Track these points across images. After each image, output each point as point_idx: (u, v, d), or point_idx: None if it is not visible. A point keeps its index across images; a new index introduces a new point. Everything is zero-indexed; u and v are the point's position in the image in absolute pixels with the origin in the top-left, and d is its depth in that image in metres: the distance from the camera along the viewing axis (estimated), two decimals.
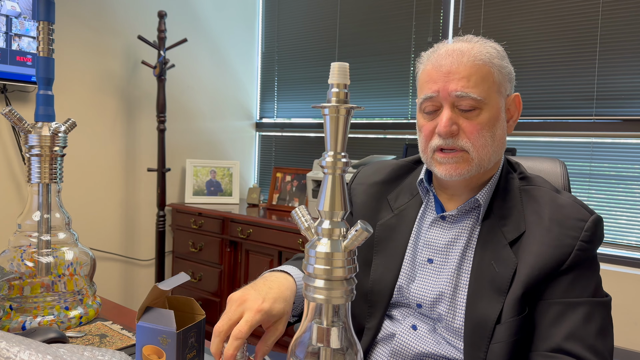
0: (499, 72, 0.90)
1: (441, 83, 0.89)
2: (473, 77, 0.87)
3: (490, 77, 0.89)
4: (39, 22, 1.00)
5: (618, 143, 2.10)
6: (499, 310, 0.84)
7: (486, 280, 0.87)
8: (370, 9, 2.80)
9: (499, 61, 0.91)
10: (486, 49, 0.90)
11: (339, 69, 0.53)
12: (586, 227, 0.85)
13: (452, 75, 0.88)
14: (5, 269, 0.96)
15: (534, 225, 0.87)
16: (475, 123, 0.88)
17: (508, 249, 0.87)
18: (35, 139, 0.98)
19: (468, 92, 0.87)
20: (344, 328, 0.54)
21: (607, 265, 2.05)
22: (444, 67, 0.89)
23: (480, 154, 0.89)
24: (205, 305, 2.68)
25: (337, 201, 0.53)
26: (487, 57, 0.89)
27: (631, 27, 2.04)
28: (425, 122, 0.93)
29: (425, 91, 0.91)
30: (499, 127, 0.90)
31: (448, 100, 0.89)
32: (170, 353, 0.67)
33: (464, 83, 0.87)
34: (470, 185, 0.94)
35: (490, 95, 0.89)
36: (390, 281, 0.97)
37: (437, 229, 0.96)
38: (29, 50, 2.14)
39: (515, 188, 0.94)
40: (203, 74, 3.02)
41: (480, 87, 0.88)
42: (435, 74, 0.90)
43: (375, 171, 1.11)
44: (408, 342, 0.92)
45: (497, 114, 0.90)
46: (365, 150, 2.81)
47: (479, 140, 0.88)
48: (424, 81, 0.93)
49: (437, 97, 0.90)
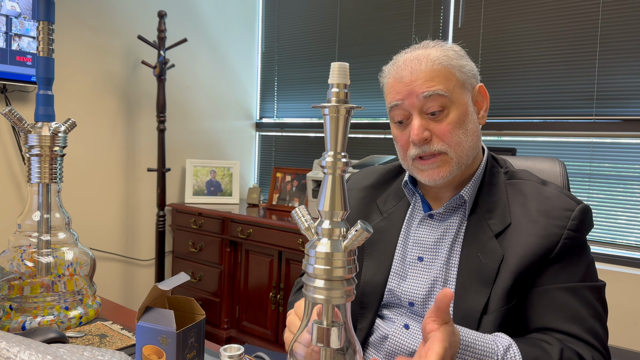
0: (459, 71, 0.92)
1: (405, 92, 0.90)
2: (436, 78, 0.89)
3: (452, 77, 0.91)
4: (39, 22, 1.00)
5: (618, 143, 2.10)
6: (485, 301, 0.85)
7: (473, 272, 0.88)
8: (370, 9, 2.80)
9: (458, 61, 0.92)
10: (443, 52, 0.92)
11: (339, 69, 0.53)
12: (573, 217, 0.86)
13: (414, 82, 0.90)
14: (5, 269, 0.96)
15: (520, 218, 0.89)
16: (445, 124, 0.90)
17: (494, 241, 0.88)
18: (35, 139, 0.98)
19: (435, 89, 0.88)
20: (344, 328, 0.54)
21: (607, 265, 2.05)
22: (405, 77, 0.91)
23: (457, 152, 0.90)
24: (205, 305, 2.68)
25: (337, 201, 0.53)
26: (445, 60, 0.91)
27: (631, 27, 2.04)
28: (399, 133, 0.95)
29: (390, 99, 0.94)
30: (469, 122, 0.92)
31: (416, 107, 0.90)
32: (170, 353, 0.67)
33: (428, 84, 0.89)
34: (454, 184, 0.96)
35: (455, 92, 0.90)
36: (381, 282, 0.98)
37: (426, 227, 0.98)
38: (29, 50, 2.14)
39: (500, 182, 0.95)
40: (203, 74, 3.02)
41: (445, 84, 0.89)
42: (398, 85, 0.92)
43: (364, 176, 1.14)
44: (401, 341, 0.92)
45: (465, 110, 0.92)
46: (365, 150, 2.81)
47: (452, 139, 0.90)
48: (388, 93, 0.95)
49: (402, 104, 0.91)
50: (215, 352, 0.88)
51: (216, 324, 2.67)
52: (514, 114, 2.32)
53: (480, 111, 0.97)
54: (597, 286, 0.85)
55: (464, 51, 0.96)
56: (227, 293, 2.65)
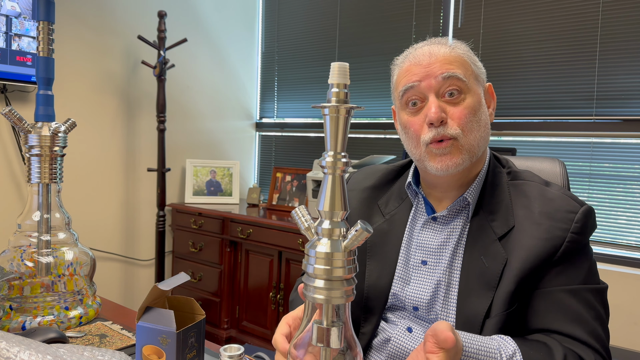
0: (474, 65, 0.93)
1: (422, 74, 0.90)
2: (454, 62, 0.90)
3: (468, 66, 0.92)
4: (39, 22, 1.00)
5: (618, 143, 2.10)
6: (488, 305, 0.84)
7: (476, 275, 0.87)
8: (370, 9, 2.80)
9: (473, 57, 0.94)
10: (459, 46, 0.94)
11: (339, 69, 0.53)
12: (576, 219, 0.85)
13: (433, 65, 0.89)
14: (5, 269, 0.96)
15: (523, 220, 0.88)
16: (461, 108, 0.89)
17: (497, 244, 0.87)
18: (35, 139, 0.98)
19: (454, 71, 0.88)
20: (344, 328, 0.54)
21: (607, 265, 2.05)
22: (423, 61, 0.90)
23: (469, 139, 0.89)
24: (205, 305, 2.68)
25: (337, 201, 0.53)
26: (462, 51, 0.92)
27: (631, 27, 2.04)
28: (412, 118, 0.92)
29: (405, 81, 0.91)
30: (482, 113, 0.92)
31: (433, 88, 0.89)
32: (170, 353, 0.67)
33: (447, 66, 0.89)
34: (459, 182, 0.94)
35: (471, 81, 0.91)
36: (385, 286, 0.97)
37: (429, 230, 0.96)
38: (29, 50, 2.14)
39: (503, 183, 0.94)
40: (203, 74, 3.02)
41: (462, 70, 0.90)
42: (415, 68, 0.91)
43: (365, 177, 1.11)
44: (404, 344, 0.92)
45: (479, 100, 0.92)
46: (365, 150, 2.81)
47: (467, 125, 0.88)
48: (402, 77, 0.93)
49: (419, 86, 0.89)
50: (215, 352, 0.88)
51: (216, 324, 2.67)
52: (514, 114, 2.32)
53: (489, 108, 0.96)
54: (599, 289, 0.85)
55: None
56: (227, 293, 2.65)
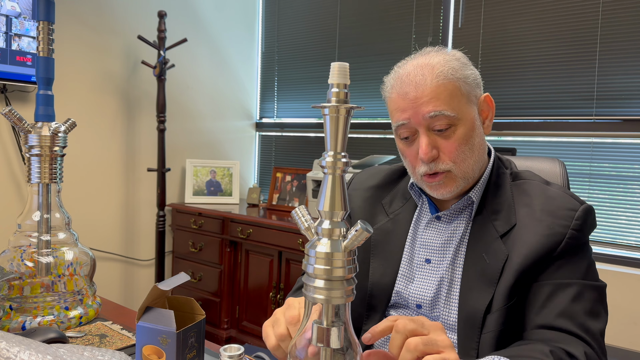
0: (464, 83, 0.90)
1: (411, 110, 0.89)
2: (442, 95, 0.88)
3: (457, 92, 0.89)
4: (39, 22, 1.00)
5: (618, 143, 2.10)
6: (489, 300, 0.85)
7: (477, 272, 0.88)
8: (370, 9, 2.80)
9: (462, 72, 0.90)
10: (447, 63, 0.89)
11: (339, 69, 0.53)
12: (577, 216, 0.86)
13: (420, 99, 0.88)
14: (5, 269, 0.96)
15: (525, 218, 0.89)
16: (452, 141, 0.89)
17: (499, 241, 0.88)
18: (35, 139, 0.98)
19: (441, 110, 0.87)
20: (344, 328, 0.54)
21: (607, 265, 2.05)
22: (409, 93, 0.89)
23: (462, 169, 0.91)
24: (205, 305, 2.68)
25: (337, 201, 0.53)
26: (449, 73, 0.88)
27: (631, 27, 2.04)
28: (406, 148, 0.95)
29: (396, 118, 0.92)
30: (476, 137, 0.91)
31: (422, 125, 0.89)
32: (170, 353, 0.67)
33: (434, 103, 0.87)
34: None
35: (462, 109, 0.89)
36: (388, 284, 0.98)
37: (433, 229, 0.98)
38: (29, 50, 2.14)
39: (506, 183, 0.95)
40: (203, 74, 3.02)
41: (451, 103, 0.88)
42: (403, 102, 0.90)
43: (369, 176, 1.13)
44: None
45: (472, 125, 0.91)
46: (365, 150, 2.81)
47: (459, 157, 0.90)
48: (393, 109, 0.94)
49: (409, 123, 0.90)
50: (215, 352, 0.88)
51: (216, 324, 2.67)
52: (514, 114, 2.32)
53: (486, 121, 0.96)
54: (595, 285, 0.85)
55: (466, 57, 0.94)
56: (227, 293, 2.65)
